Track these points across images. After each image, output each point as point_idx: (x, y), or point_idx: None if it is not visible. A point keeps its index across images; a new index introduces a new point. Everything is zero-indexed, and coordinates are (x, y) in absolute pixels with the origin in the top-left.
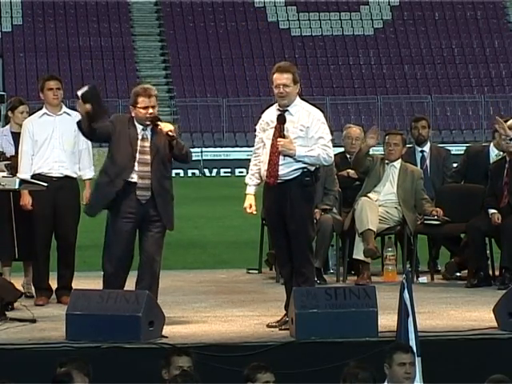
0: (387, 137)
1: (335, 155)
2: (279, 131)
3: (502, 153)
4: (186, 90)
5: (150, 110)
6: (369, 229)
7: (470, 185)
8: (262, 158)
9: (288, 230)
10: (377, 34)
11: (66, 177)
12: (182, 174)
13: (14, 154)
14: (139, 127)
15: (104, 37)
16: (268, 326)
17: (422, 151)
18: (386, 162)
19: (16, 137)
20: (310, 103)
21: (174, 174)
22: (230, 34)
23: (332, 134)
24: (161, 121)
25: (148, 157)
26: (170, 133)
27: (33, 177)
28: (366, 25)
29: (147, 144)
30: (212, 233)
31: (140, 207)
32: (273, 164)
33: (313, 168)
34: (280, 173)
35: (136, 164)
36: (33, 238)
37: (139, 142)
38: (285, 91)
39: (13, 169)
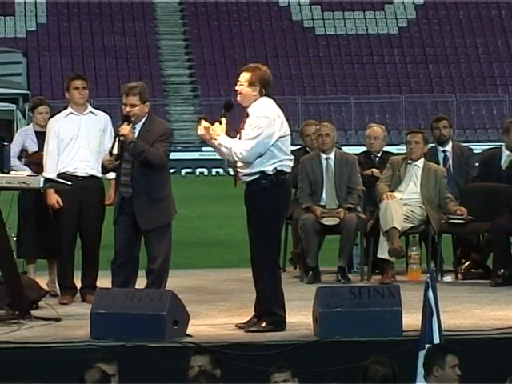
0: (408, 136)
1: (359, 154)
2: (221, 116)
3: None
4: (211, 88)
5: (128, 109)
6: (393, 227)
7: (494, 184)
8: None
9: (249, 234)
10: (401, 32)
11: (92, 176)
12: (206, 173)
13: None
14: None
15: (128, 36)
16: (236, 325)
17: (444, 151)
18: (409, 161)
19: (38, 136)
20: (278, 104)
21: (198, 173)
22: (255, 33)
23: (357, 133)
24: (128, 122)
25: None
26: (121, 137)
27: (58, 176)
28: (390, 24)
29: None
30: (236, 231)
31: (124, 203)
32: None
33: (270, 171)
34: (239, 174)
35: (123, 162)
36: (57, 237)
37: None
38: (239, 89)
39: (34, 164)
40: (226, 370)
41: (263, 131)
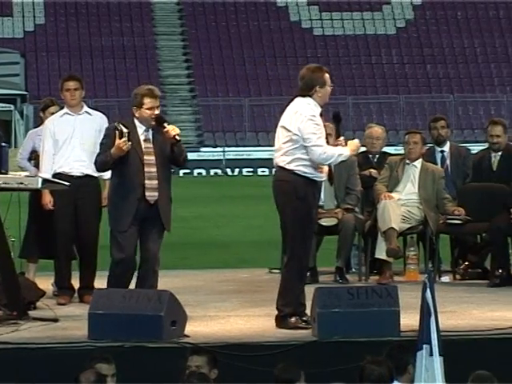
0: (407, 136)
1: (357, 155)
2: (336, 130)
3: (499, 153)
4: (209, 89)
5: (156, 112)
6: (391, 228)
7: (491, 184)
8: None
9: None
10: (399, 33)
11: (87, 176)
12: (204, 174)
13: None
14: (141, 128)
15: (126, 36)
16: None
17: (441, 151)
18: (407, 161)
19: None
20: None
21: (195, 174)
22: (252, 34)
23: (354, 133)
24: (167, 122)
25: (153, 157)
26: (177, 137)
27: (54, 176)
28: (388, 24)
29: (150, 145)
30: (234, 232)
31: (147, 208)
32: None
33: None
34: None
35: (146, 166)
36: (54, 237)
37: (143, 143)
38: None
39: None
40: (224, 371)
41: None
